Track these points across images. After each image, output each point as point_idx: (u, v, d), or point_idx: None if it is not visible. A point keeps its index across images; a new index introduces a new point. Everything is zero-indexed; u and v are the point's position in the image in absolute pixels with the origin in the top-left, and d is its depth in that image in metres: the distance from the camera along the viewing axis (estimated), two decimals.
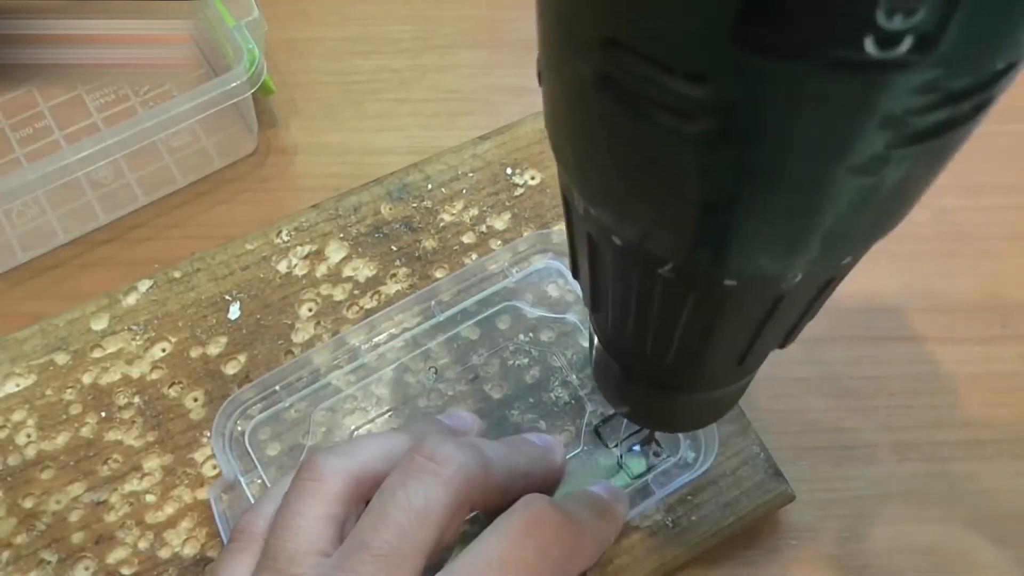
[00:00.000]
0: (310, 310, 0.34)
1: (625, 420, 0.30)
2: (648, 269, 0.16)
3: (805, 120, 0.11)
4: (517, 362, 0.33)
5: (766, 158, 0.12)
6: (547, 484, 0.29)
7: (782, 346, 0.19)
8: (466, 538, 0.28)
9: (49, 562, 0.29)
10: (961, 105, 0.11)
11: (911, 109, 0.11)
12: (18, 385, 0.32)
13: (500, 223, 0.36)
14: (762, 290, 0.16)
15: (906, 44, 0.10)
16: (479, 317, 0.33)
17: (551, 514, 0.24)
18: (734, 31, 0.10)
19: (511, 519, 0.24)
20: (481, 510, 0.26)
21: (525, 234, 0.35)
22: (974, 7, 0.09)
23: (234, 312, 0.34)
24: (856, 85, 0.10)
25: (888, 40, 0.10)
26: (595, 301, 0.20)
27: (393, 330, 0.33)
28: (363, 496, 0.25)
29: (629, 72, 0.12)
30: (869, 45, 0.10)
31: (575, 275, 0.21)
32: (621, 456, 0.31)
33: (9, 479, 0.31)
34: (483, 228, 0.36)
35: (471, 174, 0.37)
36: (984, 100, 0.11)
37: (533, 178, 0.37)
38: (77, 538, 0.30)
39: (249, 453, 0.31)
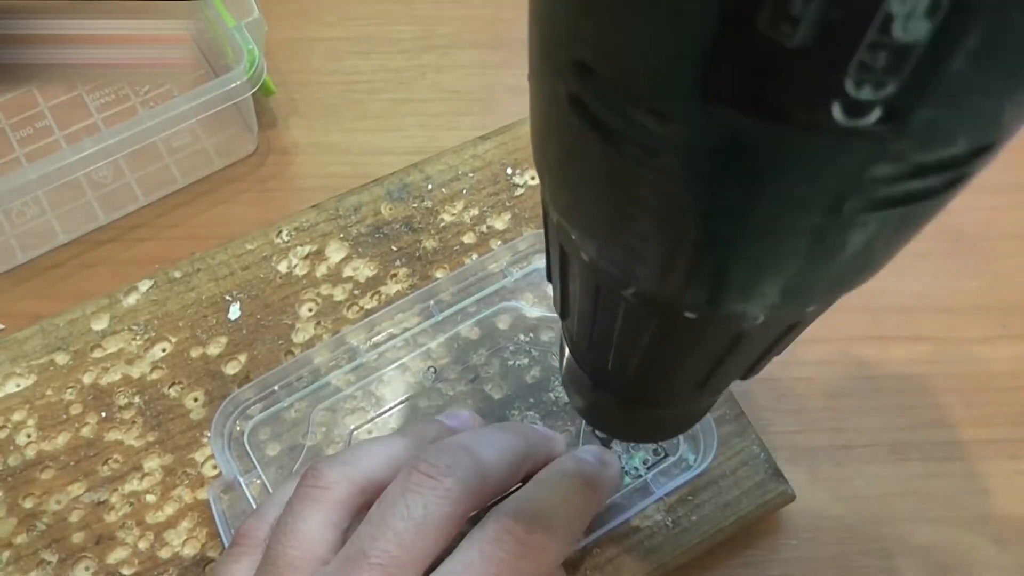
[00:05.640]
0: (310, 310, 0.34)
1: None
2: (612, 289, 0.16)
3: (766, 175, 0.11)
4: (517, 362, 0.33)
5: (726, 204, 0.12)
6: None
7: (743, 378, 0.19)
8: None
9: (49, 562, 0.29)
10: (930, 179, 0.11)
11: (876, 178, 0.11)
12: (18, 385, 0.32)
13: (500, 223, 0.36)
14: (721, 326, 0.15)
15: (874, 115, 0.09)
16: (479, 317, 0.33)
17: (510, 531, 0.24)
18: (700, 78, 0.10)
19: (466, 550, 0.24)
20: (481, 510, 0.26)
21: (525, 234, 0.35)
22: (945, 87, 0.09)
23: (234, 312, 0.34)
24: (821, 148, 0.10)
25: (856, 109, 0.09)
26: (563, 308, 0.20)
27: (393, 330, 0.33)
28: (366, 503, 0.25)
29: (597, 97, 0.11)
30: (836, 111, 0.09)
31: (549, 278, 0.21)
32: (621, 457, 0.31)
33: (9, 479, 0.31)
34: (483, 228, 0.36)
35: (471, 174, 0.37)
36: (956, 177, 0.11)
37: (533, 178, 0.37)
38: (77, 538, 0.30)
39: (249, 453, 0.31)
